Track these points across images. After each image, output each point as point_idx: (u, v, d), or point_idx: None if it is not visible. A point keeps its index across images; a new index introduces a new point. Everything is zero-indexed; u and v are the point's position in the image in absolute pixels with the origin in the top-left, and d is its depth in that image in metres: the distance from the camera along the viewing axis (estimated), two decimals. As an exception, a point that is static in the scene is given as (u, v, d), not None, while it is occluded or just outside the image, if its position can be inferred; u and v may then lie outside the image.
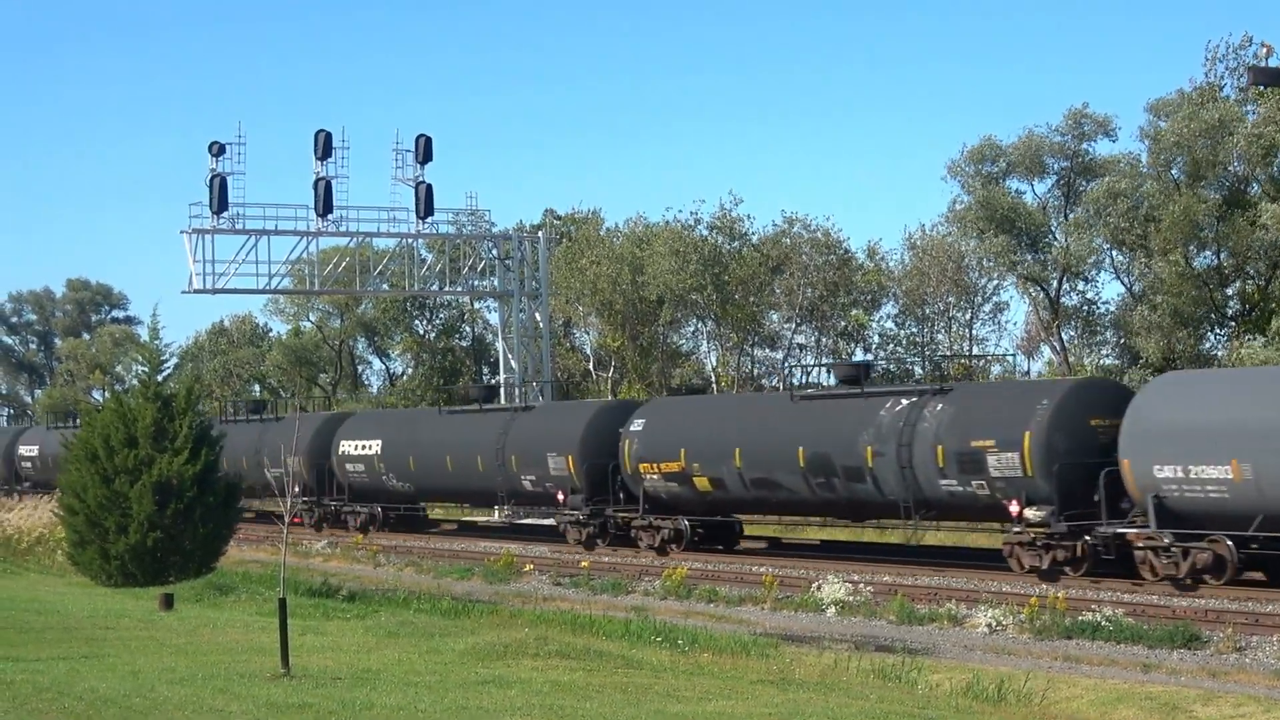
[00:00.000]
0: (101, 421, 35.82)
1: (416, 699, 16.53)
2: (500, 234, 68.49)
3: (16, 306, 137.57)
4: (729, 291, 69.44)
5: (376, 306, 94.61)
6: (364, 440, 58.76)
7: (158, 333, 37.85)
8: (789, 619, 33.13)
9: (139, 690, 16.60)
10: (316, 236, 63.62)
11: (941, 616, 31.60)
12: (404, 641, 23.24)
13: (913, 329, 72.99)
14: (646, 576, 40.28)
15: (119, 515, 34.46)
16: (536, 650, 21.36)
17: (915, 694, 21.10)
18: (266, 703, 15.89)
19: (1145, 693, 22.99)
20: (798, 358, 71.69)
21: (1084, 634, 28.83)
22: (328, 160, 62.58)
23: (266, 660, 19.29)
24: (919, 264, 68.78)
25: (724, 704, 17.39)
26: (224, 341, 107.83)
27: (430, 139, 64.10)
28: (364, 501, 59.18)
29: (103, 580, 35.03)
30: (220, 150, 61.10)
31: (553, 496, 49.33)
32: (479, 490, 53.83)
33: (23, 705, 15.35)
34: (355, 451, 58.89)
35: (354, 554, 50.26)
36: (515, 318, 67.40)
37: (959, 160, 62.50)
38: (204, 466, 35.17)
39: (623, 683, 18.97)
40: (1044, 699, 22.05)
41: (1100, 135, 61.55)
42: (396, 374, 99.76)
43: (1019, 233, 60.94)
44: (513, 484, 50.90)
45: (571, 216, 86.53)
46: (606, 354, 79.49)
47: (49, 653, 20.71)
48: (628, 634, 26.35)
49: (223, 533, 36.40)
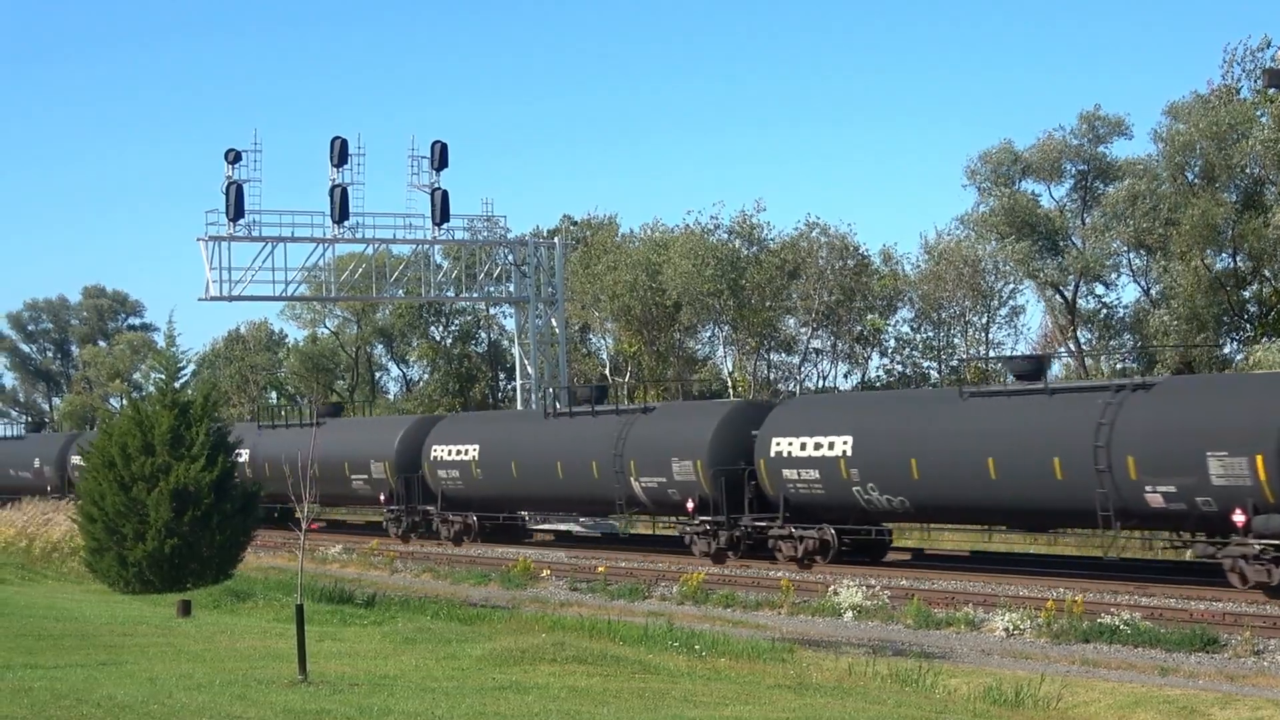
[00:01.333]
0: (119, 429, 35.85)
1: (434, 705, 16.53)
2: (516, 240, 68.44)
3: (34, 314, 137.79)
4: (746, 296, 69.48)
5: (393, 313, 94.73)
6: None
7: (174, 340, 37.87)
8: (806, 624, 33.11)
9: (156, 697, 16.62)
10: (333, 243, 63.67)
11: (958, 621, 31.57)
12: (421, 647, 23.23)
13: (929, 333, 73.00)
14: (664, 582, 40.23)
15: (137, 522, 34.47)
16: (554, 655, 21.35)
17: (932, 699, 21.08)
18: (284, 709, 15.90)
19: (1163, 696, 22.96)
20: (814, 362, 71.76)
21: (1102, 637, 28.80)
22: (344, 167, 62.65)
23: (284, 666, 19.30)
24: (935, 268, 68.78)
25: (741, 709, 17.38)
26: (240, 348, 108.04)
27: (446, 145, 64.16)
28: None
29: (120, 587, 35.04)
30: (236, 157, 61.17)
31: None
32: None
33: (41, 712, 15.37)
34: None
35: (371, 560, 50.33)
36: (531, 323, 67.39)
37: (976, 164, 62.58)
38: (221, 473, 35.18)
39: (640, 688, 18.96)
40: (1061, 703, 22.02)
41: (1116, 136, 61.62)
42: (413, 380, 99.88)
43: (1037, 237, 60.94)
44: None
45: (588, 222, 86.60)
46: (623, 359, 79.54)
47: (67, 659, 20.73)
48: (645, 639, 26.33)
49: (240, 539, 36.39)
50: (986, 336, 70.75)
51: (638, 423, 48.00)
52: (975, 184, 63.24)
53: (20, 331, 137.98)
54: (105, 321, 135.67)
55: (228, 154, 61.03)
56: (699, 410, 48.03)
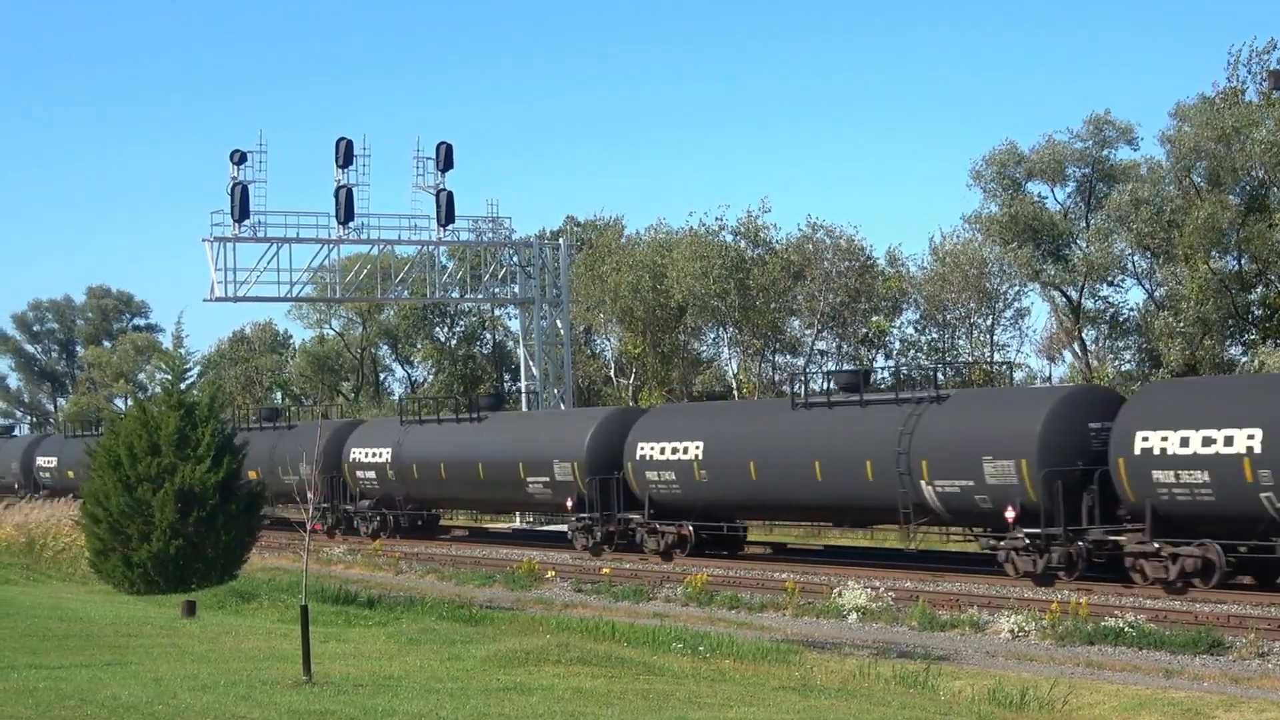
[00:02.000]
0: (125, 429, 35.87)
1: (438, 706, 16.55)
2: (521, 241, 68.49)
3: (38, 314, 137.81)
4: (751, 298, 69.48)
5: (398, 314, 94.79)
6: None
7: (182, 341, 37.90)
8: (810, 625, 33.12)
9: (161, 697, 16.64)
10: (338, 244, 63.78)
11: (963, 623, 31.56)
12: (426, 648, 23.26)
13: (933, 335, 72.97)
14: (668, 583, 40.27)
15: (142, 523, 34.49)
16: (558, 657, 21.36)
17: (937, 700, 21.09)
18: (289, 710, 15.91)
19: (1168, 699, 22.96)
20: (819, 364, 71.68)
21: (1106, 640, 28.81)
22: (349, 168, 62.74)
23: (288, 667, 19.33)
24: (941, 269, 68.76)
25: (745, 710, 17.40)
26: (245, 349, 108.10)
27: (451, 146, 64.27)
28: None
29: (125, 588, 35.07)
30: (241, 158, 61.25)
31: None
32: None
33: (45, 712, 15.39)
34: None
35: (375, 561, 50.36)
36: (536, 325, 67.46)
37: (980, 165, 62.60)
38: (226, 474, 35.22)
39: (644, 689, 18.98)
40: (1066, 705, 22.02)
41: (1122, 143, 61.66)
42: (418, 381, 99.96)
43: (1041, 241, 60.95)
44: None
45: (592, 223, 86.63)
46: (627, 360, 79.57)
47: (72, 660, 20.76)
48: (649, 640, 26.36)
49: (245, 540, 36.44)
50: (991, 339, 70.71)
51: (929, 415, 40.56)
52: (980, 185, 63.28)
53: (25, 332, 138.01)
54: (110, 322, 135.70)
55: (233, 155, 61.12)
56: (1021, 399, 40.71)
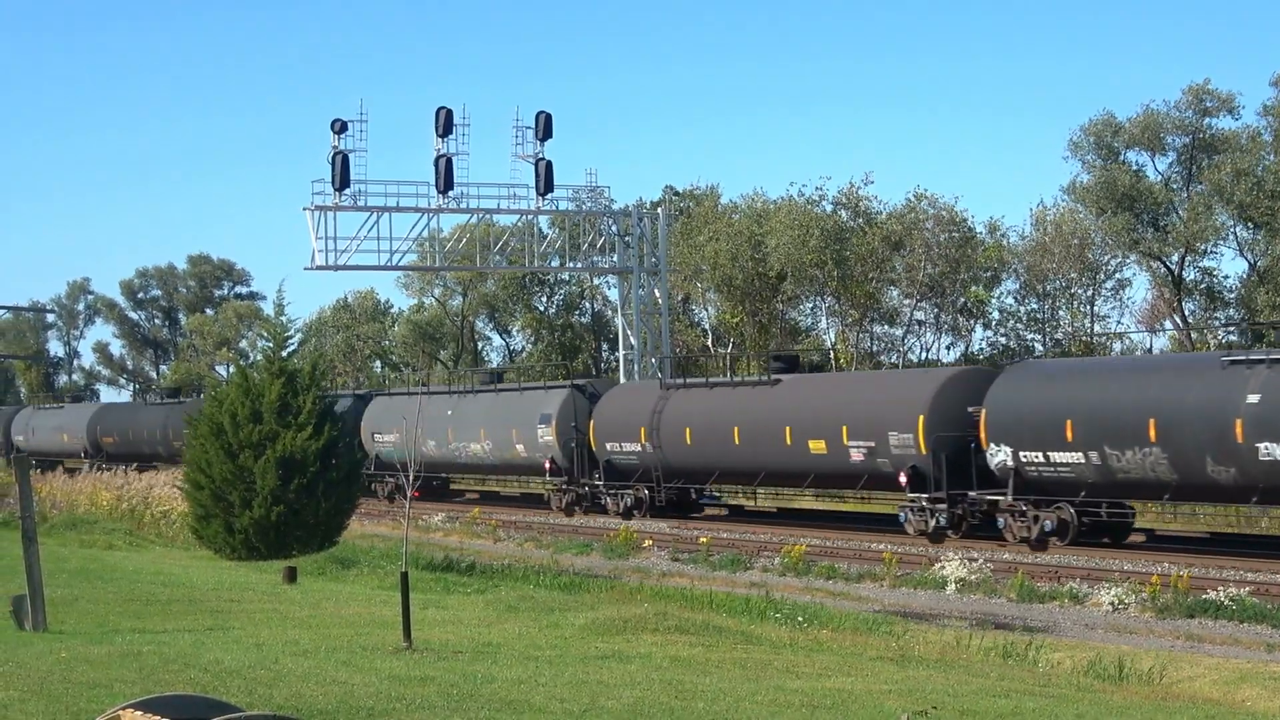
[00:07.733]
0: (229, 397, 36.16)
1: (537, 673, 16.60)
2: (620, 210, 68.43)
3: (143, 281, 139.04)
4: (849, 267, 69.24)
5: (497, 283, 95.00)
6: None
7: (283, 308, 38.14)
8: (908, 596, 33.05)
9: (263, 662, 16.77)
10: (438, 213, 63.92)
11: (1062, 595, 31.40)
12: (524, 616, 23.33)
13: (1033, 305, 72.47)
14: (765, 553, 40.26)
15: (243, 490, 34.82)
16: (656, 625, 21.37)
17: (1035, 672, 20.98)
18: (390, 675, 16.00)
19: (1269, 672, 22.76)
20: (917, 334, 71.38)
21: (1207, 613, 28.60)
22: (449, 137, 62.80)
23: (388, 634, 19.44)
24: (1042, 239, 68.27)
25: (843, 680, 17.36)
26: (347, 316, 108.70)
27: (550, 115, 64.19)
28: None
29: (227, 554, 35.41)
30: (343, 127, 61.46)
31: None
32: None
33: (150, 676, 15.53)
34: None
35: (474, 529, 50.60)
36: (635, 294, 67.41)
37: (1078, 135, 62.10)
38: (327, 442, 35.48)
39: (742, 658, 18.98)
40: (1165, 678, 21.86)
41: (1224, 112, 60.97)
42: (517, 350, 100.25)
43: (1139, 210, 60.38)
44: None
45: (690, 192, 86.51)
46: (725, 330, 79.48)
47: (175, 624, 20.97)
48: (747, 610, 26.36)
49: (345, 507, 36.72)
50: (1091, 309, 70.20)
51: None
52: (1078, 156, 62.77)
53: (130, 299, 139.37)
54: (211, 290, 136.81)
55: (334, 124, 61.32)
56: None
